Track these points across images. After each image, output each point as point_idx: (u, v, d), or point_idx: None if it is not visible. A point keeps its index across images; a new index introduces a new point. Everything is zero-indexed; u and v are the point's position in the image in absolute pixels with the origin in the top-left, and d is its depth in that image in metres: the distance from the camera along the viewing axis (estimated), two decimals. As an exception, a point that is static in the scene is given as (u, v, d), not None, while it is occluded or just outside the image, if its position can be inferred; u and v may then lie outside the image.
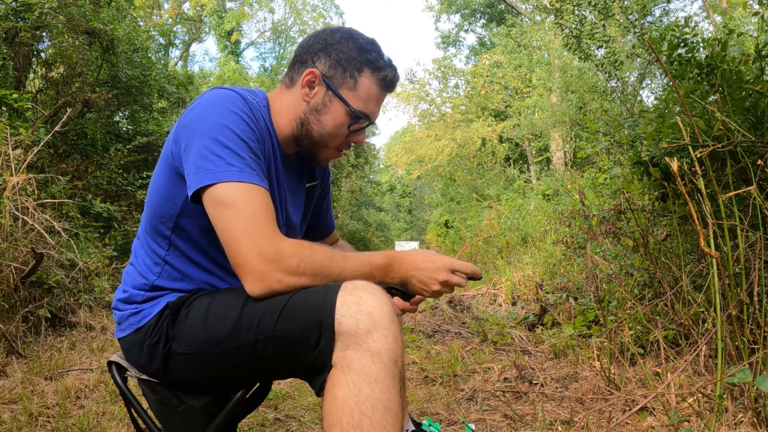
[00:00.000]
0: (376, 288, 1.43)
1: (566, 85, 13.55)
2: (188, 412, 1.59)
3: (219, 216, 1.44)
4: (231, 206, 1.42)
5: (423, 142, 23.37)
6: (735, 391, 2.52)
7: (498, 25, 25.24)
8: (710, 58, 3.02)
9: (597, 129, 6.24)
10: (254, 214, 1.42)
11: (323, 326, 1.37)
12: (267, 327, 1.43)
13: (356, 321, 1.35)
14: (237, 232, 1.41)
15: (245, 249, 1.40)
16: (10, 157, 4.86)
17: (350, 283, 1.44)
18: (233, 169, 1.44)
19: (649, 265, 3.57)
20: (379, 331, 1.35)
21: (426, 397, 3.24)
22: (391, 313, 1.38)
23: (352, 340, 1.35)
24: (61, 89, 8.24)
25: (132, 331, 1.59)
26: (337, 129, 1.68)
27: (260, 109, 1.65)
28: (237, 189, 1.42)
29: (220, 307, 1.52)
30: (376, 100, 1.68)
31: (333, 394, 1.36)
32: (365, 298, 1.37)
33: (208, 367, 1.52)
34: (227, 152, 1.45)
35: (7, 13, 6.89)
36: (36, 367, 3.67)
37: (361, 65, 1.63)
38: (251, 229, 1.41)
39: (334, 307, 1.38)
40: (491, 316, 5.55)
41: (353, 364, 1.34)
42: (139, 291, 1.62)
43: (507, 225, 10.94)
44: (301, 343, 1.41)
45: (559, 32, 9.43)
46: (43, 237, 4.78)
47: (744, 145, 2.67)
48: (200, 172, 1.44)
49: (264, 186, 1.47)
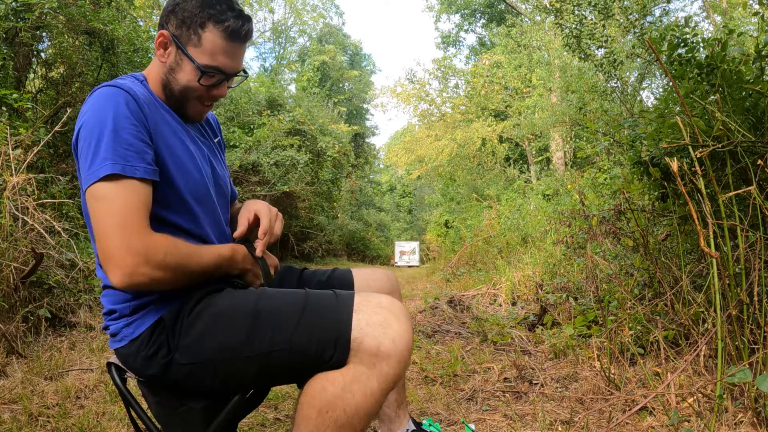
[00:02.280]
0: (401, 309, 1.49)
1: (566, 85, 13.55)
2: (188, 413, 1.59)
3: (93, 209, 1.47)
4: (103, 199, 1.46)
5: (423, 142, 23.37)
6: (735, 391, 2.52)
7: (498, 25, 25.24)
8: (710, 58, 3.02)
9: (597, 129, 6.24)
10: (125, 208, 1.45)
11: (339, 342, 1.44)
12: (282, 339, 1.47)
13: (378, 343, 1.42)
14: (108, 224, 1.44)
15: (113, 243, 1.43)
16: (10, 157, 4.86)
17: (374, 299, 1.50)
18: (106, 163, 1.46)
19: (649, 265, 3.57)
20: (396, 358, 1.42)
21: (426, 397, 3.24)
22: (410, 342, 1.45)
23: (368, 359, 1.42)
24: (61, 89, 8.24)
25: (127, 342, 1.58)
26: (190, 84, 1.71)
27: (137, 89, 1.65)
28: (110, 184, 1.46)
29: (228, 314, 1.53)
30: (224, 52, 1.68)
31: (322, 385, 1.43)
32: (391, 323, 1.44)
33: (214, 375, 1.52)
34: (102, 149, 1.47)
35: (7, 13, 6.89)
36: (36, 367, 3.67)
37: (203, 20, 1.65)
38: (121, 224, 1.44)
39: (351, 323, 1.44)
40: (491, 316, 5.55)
41: (360, 376, 1.41)
42: (123, 304, 1.61)
43: (507, 225, 10.93)
44: (317, 357, 1.46)
45: (559, 32, 9.43)
46: (43, 237, 4.78)
47: (744, 145, 2.67)
48: (83, 176, 1.50)
49: (141, 176, 1.49)
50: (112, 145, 1.47)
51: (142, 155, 1.51)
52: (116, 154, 1.46)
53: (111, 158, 1.45)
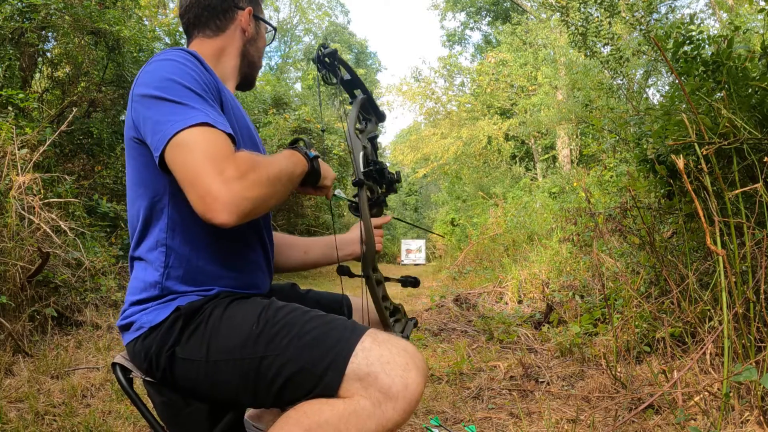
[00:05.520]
0: (423, 362, 1.42)
1: (572, 83, 13.52)
2: (194, 414, 1.57)
3: (176, 158, 1.36)
4: (186, 144, 1.35)
5: (429, 141, 23.35)
6: (741, 389, 2.51)
7: (503, 23, 25.20)
8: (716, 55, 3.01)
9: (603, 126, 6.22)
10: (212, 144, 1.35)
11: (336, 361, 1.37)
12: (278, 346, 1.41)
13: (392, 383, 1.34)
14: (195, 161, 1.33)
15: (206, 176, 1.31)
16: (16, 156, 4.88)
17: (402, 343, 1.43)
18: (191, 113, 1.39)
19: (656, 262, 3.56)
20: (403, 404, 1.34)
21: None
22: (420, 395, 1.36)
23: (375, 395, 1.34)
24: (67, 89, 8.27)
25: (146, 329, 1.53)
26: (264, 47, 1.98)
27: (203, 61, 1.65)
28: (194, 131, 1.36)
29: (238, 317, 1.49)
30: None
31: (320, 407, 1.35)
32: (411, 371, 1.36)
33: (209, 379, 1.49)
34: (178, 106, 1.40)
35: (13, 14, 6.91)
36: (42, 365, 3.68)
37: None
38: (211, 155, 1.33)
39: (354, 348, 1.38)
40: (497, 314, 5.54)
41: (361, 412, 1.33)
42: (147, 292, 1.58)
43: (513, 223, 10.92)
44: (309, 372, 1.38)
45: (565, 30, 9.40)
46: (49, 236, 4.80)
47: (750, 142, 2.66)
48: (158, 132, 1.39)
49: (222, 129, 1.40)
50: (199, 101, 1.43)
51: (218, 111, 1.48)
52: (195, 110, 1.40)
53: (202, 111, 1.40)
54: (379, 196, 1.85)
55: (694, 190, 2.58)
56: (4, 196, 4.62)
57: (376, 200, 1.85)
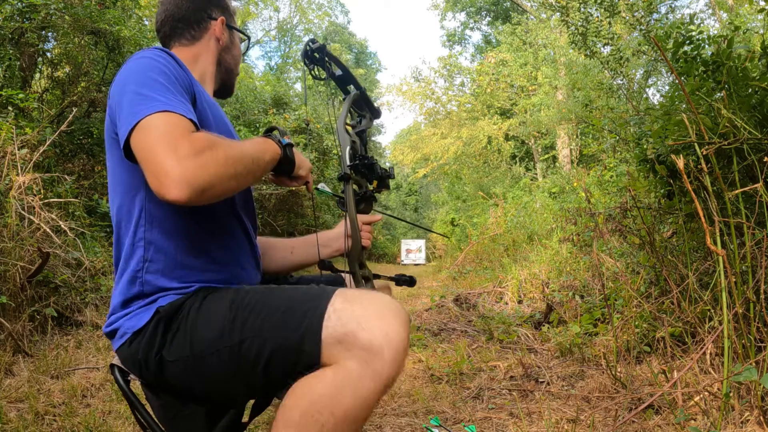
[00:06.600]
0: (399, 306, 1.39)
1: (572, 83, 13.52)
2: (192, 416, 1.57)
3: (136, 143, 1.35)
4: (145, 128, 1.34)
5: (429, 141, 23.37)
6: (741, 389, 2.51)
7: (503, 23, 25.21)
8: (716, 55, 3.01)
9: (603, 126, 6.23)
10: (169, 125, 1.34)
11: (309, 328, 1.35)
12: (253, 326, 1.39)
13: (371, 336, 1.31)
14: (152, 141, 1.32)
15: (160, 153, 1.30)
16: (16, 156, 4.88)
17: (373, 294, 1.41)
18: (156, 103, 1.38)
19: (656, 262, 3.56)
20: (390, 354, 1.30)
21: (432, 395, 3.24)
22: (405, 341, 1.33)
23: (361, 354, 1.30)
24: (67, 89, 8.26)
25: (130, 335, 1.51)
26: (240, 54, 2.03)
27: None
28: (154, 117, 1.35)
29: (212, 308, 1.48)
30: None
31: (309, 383, 1.31)
32: (386, 316, 1.33)
33: (199, 376, 1.48)
34: (145, 98, 1.40)
35: (13, 14, 6.91)
36: (42, 365, 3.68)
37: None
38: (166, 134, 1.32)
39: (326, 308, 1.35)
40: (497, 314, 5.55)
41: (352, 375, 1.29)
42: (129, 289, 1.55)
43: (513, 223, 10.92)
44: (286, 345, 1.37)
45: (565, 30, 9.40)
46: (49, 236, 4.80)
47: (750, 142, 2.66)
48: (124, 124, 1.39)
49: (182, 113, 1.39)
50: (167, 93, 1.43)
51: (188, 103, 1.49)
52: (165, 98, 1.41)
53: (161, 100, 1.40)
54: (367, 191, 1.82)
55: (694, 190, 2.58)
56: (4, 196, 4.62)
57: (363, 195, 1.82)
